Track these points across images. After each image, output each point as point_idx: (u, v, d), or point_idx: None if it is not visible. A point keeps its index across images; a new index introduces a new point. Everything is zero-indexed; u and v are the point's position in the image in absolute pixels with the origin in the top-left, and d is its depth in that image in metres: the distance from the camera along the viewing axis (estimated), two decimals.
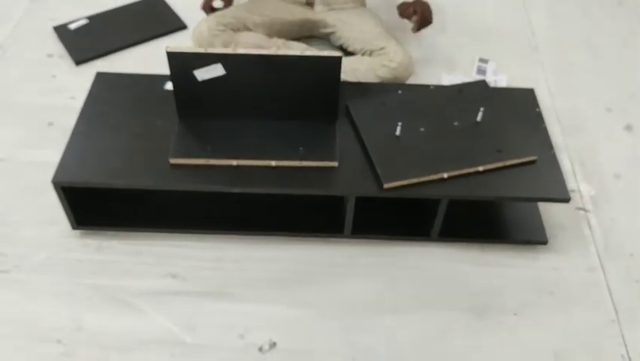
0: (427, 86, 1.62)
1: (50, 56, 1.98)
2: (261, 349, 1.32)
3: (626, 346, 1.35)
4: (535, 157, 1.43)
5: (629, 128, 1.84)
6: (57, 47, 2.00)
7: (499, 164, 1.41)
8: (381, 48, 1.77)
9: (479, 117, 1.48)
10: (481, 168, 1.39)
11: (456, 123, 1.48)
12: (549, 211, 1.57)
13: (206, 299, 1.39)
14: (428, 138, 1.45)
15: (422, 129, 1.46)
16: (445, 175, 1.37)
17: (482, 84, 1.61)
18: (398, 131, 1.44)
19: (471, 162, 1.40)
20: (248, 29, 1.84)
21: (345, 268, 1.46)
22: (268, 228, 1.51)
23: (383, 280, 1.44)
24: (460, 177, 1.38)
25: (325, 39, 1.94)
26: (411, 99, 1.55)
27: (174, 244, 1.49)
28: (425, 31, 2.11)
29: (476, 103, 1.51)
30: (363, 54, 1.81)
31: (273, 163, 1.39)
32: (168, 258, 1.46)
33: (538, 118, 1.55)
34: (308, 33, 1.88)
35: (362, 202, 1.42)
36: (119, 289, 1.40)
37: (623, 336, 1.36)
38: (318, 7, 1.88)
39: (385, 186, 1.35)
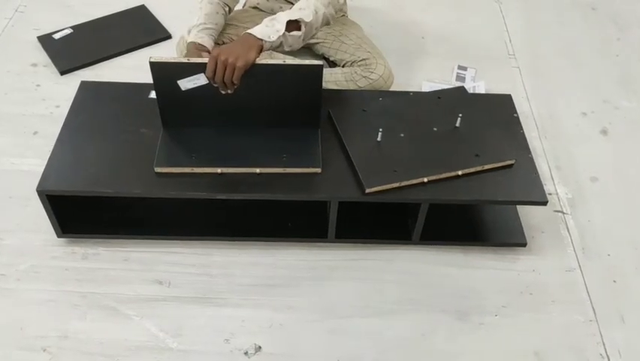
0: (407, 93, 1.65)
1: (35, 65, 1.98)
2: (246, 353, 1.33)
3: (604, 345, 1.38)
4: (513, 161, 1.47)
5: (604, 132, 1.88)
6: (41, 57, 2.00)
7: (478, 168, 1.44)
8: (363, 60, 1.78)
9: (458, 123, 1.51)
10: (460, 172, 1.42)
11: (435, 129, 1.51)
12: (528, 214, 1.60)
13: (192, 305, 1.40)
14: (408, 143, 1.48)
15: (402, 135, 1.49)
16: (425, 180, 1.40)
17: (461, 90, 1.64)
18: (379, 137, 1.47)
19: (450, 166, 1.42)
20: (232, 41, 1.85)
21: (329, 271, 1.48)
22: (253, 233, 1.52)
23: (366, 284, 1.46)
24: (439, 182, 1.41)
25: (308, 49, 1.97)
26: (391, 106, 1.58)
27: (160, 250, 1.50)
28: (405, 39, 2.15)
29: (455, 109, 1.54)
30: (344, 65, 1.83)
31: (258, 170, 1.41)
32: (154, 264, 1.47)
33: (516, 123, 1.58)
34: None
35: (345, 207, 1.44)
36: (105, 296, 1.41)
37: (601, 335, 1.39)
38: None
39: (367, 190, 1.38)
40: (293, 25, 1.46)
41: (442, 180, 1.41)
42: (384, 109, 1.56)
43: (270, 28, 1.42)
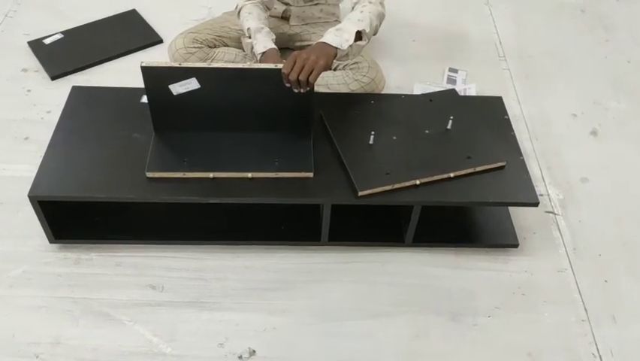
0: (398, 96, 1.66)
1: (25, 70, 1.98)
2: (240, 357, 1.33)
3: (596, 344, 1.39)
4: (505, 163, 1.47)
5: (594, 133, 1.89)
6: (32, 62, 1.99)
7: (470, 170, 1.44)
8: (355, 63, 1.79)
9: (449, 125, 1.52)
10: (452, 175, 1.43)
11: (427, 131, 1.52)
12: (519, 215, 1.61)
13: (185, 309, 1.40)
14: (400, 145, 1.48)
15: (394, 138, 1.50)
16: (418, 182, 1.41)
17: (452, 93, 1.65)
18: (371, 140, 1.47)
19: (442, 168, 1.43)
20: (224, 45, 1.86)
21: (322, 274, 1.48)
22: (246, 237, 1.52)
23: (360, 286, 1.47)
24: (432, 184, 1.41)
25: None
26: (383, 108, 1.58)
27: (153, 255, 1.50)
28: (396, 43, 2.16)
29: (446, 111, 1.55)
30: (335, 68, 1.84)
31: (250, 175, 1.41)
32: (147, 269, 1.47)
33: (507, 125, 1.59)
34: (283, 46, 1.90)
35: (338, 210, 1.45)
36: (98, 301, 1.41)
37: (593, 335, 1.40)
38: (293, 21, 1.91)
39: (360, 193, 1.38)
40: (357, 35, 1.50)
41: (434, 183, 1.42)
42: (376, 112, 1.57)
43: (339, 38, 1.46)
